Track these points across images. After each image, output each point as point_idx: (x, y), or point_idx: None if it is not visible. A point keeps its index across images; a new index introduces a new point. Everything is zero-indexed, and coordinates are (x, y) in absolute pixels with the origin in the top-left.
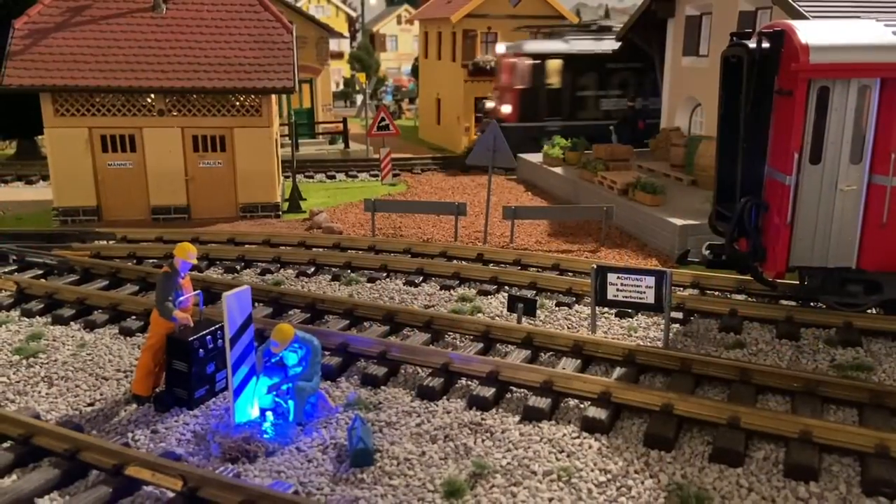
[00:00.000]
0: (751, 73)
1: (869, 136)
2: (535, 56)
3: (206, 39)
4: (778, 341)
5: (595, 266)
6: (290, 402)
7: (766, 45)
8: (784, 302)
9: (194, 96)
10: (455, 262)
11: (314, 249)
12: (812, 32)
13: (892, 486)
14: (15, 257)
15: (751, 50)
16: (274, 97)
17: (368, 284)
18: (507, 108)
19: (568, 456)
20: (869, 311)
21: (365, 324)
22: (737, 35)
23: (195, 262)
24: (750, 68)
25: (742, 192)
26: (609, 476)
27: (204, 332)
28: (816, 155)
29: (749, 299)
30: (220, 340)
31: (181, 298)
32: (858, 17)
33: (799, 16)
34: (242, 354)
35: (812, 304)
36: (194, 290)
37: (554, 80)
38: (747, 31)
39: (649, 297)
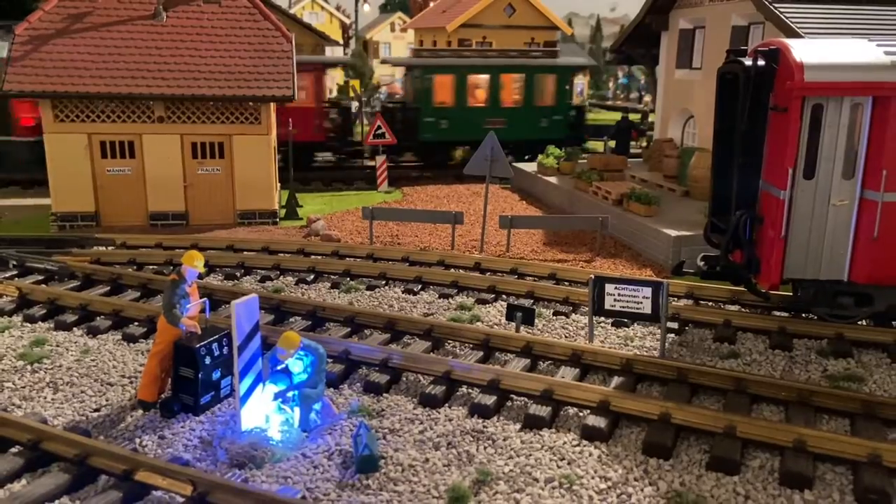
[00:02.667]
0: (746, 89)
1: (861, 152)
2: None
3: (206, 47)
4: (771, 352)
5: (593, 276)
6: (296, 409)
7: (761, 62)
8: (777, 313)
9: (194, 104)
10: (453, 270)
11: (313, 257)
12: (807, 51)
13: (883, 494)
14: (15, 262)
15: (746, 67)
16: (273, 105)
17: (368, 292)
18: None
19: (569, 463)
20: (860, 322)
21: (366, 331)
22: (733, 52)
23: (203, 269)
24: (746, 85)
25: (737, 206)
26: (609, 483)
27: (210, 340)
28: (810, 170)
29: (743, 310)
30: (225, 347)
31: (188, 306)
32: (851, 34)
33: (791, 32)
34: (249, 362)
35: (804, 315)
36: (200, 297)
37: None
38: (743, 48)
39: (646, 308)
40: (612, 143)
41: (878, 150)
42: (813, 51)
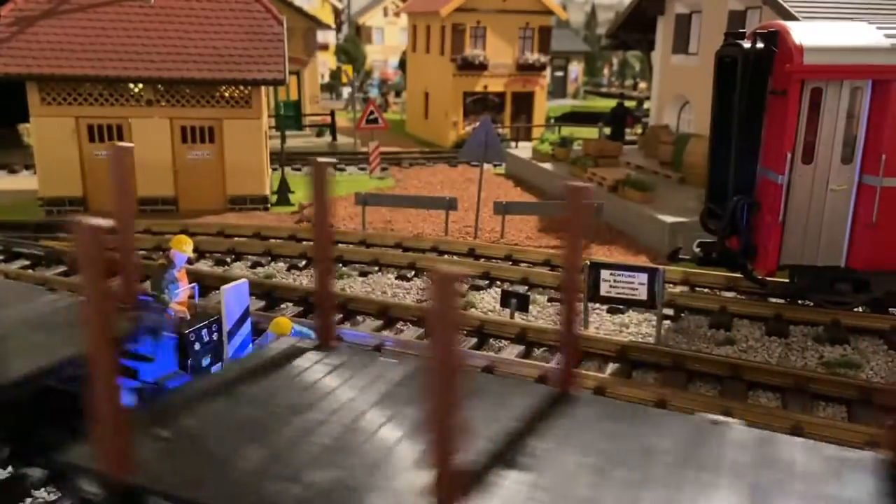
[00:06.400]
0: (745, 72)
1: (860, 137)
2: None
3: (196, 30)
4: (767, 338)
5: (589, 262)
6: None
7: (760, 45)
8: (773, 300)
9: (183, 87)
10: (447, 256)
11: (305, 242)
12: (806, 34)
13: None
14: (1, 247)
15: (745, 50)
16: (263, 89)
17: (360, 278)
18: None
19: None
20: (856, 309)
21: (358, 318)
22: (731, 35)
23: (191, 254)
24: (744, 68)
25: (734, 191)
26: None
27: (199, 325)
28: (808, 155)
29: (738, 297)
30: (215, 333)
31: (176, 291)
32: (849, 18)
33: (789, 16)
34: (239, 348)
35: (801, 302)
36: (189, 283)
37: None
38: (741, 31)
39: (642, 294)
40: (608, 130)
41: (878, 135)
42: (813, 33)
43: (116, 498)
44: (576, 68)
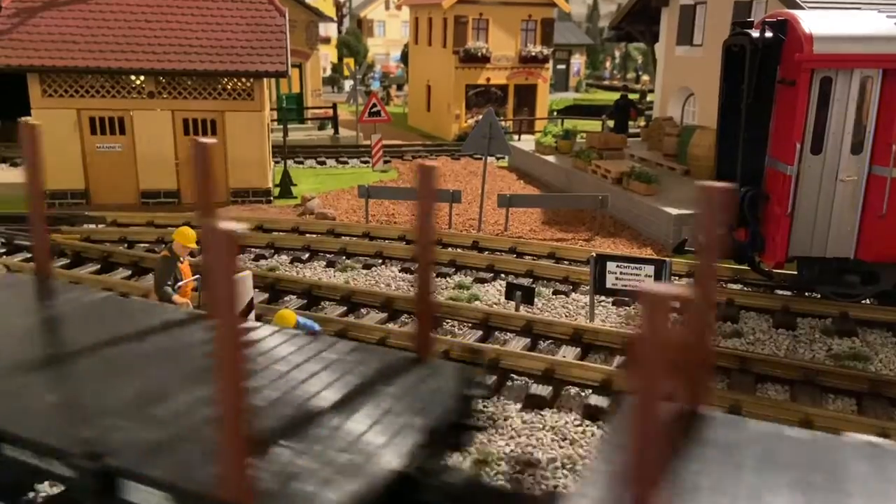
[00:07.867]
0: (753, 62)
1: (870, 127)
2: None
3: (198, 21)
4: (775, 331)
5: (594, 255)
6: None
7: (769, 34)
8: (780, 292)
9: (185, 79)
10: (450, 249)
11: (308, 235)
12: (816, 22)
13: None
14: (3, 240)
15: (754, 39)
16: (266, 81)
17: (364, 271)
18: None
19: (571, 443)
20: (865, 301)
21: (362, 310)
22: (739, 24)
23: (194, 247)
24: (752, 58)
25: (742, 182)
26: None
27: None
28: (818, 145)
29: (745, 289)
30: None
31: (179, 283)
32: (855, 7)
33: (795, 6)
34: None
35: (808, 294)
36: (192, 275)
37: None
38: (749, 20)
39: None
40: (611, 123)
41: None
42: (822, 22)
43: None
44: (578, 61)
